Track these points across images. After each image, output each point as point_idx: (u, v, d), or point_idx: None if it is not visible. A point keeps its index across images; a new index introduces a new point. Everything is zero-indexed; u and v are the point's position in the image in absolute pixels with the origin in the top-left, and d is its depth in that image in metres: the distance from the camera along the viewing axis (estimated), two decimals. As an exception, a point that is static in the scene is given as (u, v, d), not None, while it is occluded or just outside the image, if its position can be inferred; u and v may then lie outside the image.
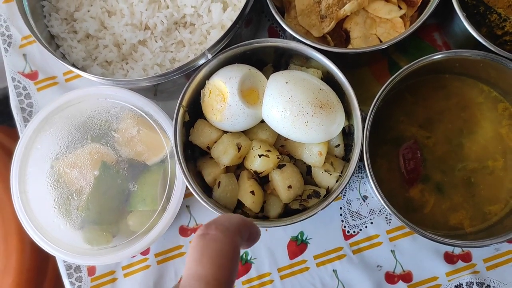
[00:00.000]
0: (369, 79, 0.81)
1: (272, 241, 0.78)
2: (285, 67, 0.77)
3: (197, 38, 0.77)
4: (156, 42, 0.77)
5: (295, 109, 0.66)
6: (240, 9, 0.71)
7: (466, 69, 0.73)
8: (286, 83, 0.68)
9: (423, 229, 0.70)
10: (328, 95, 0.68)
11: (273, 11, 0.71)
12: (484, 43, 0.67)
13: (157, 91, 0.83)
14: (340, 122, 0.69)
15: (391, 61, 0.81)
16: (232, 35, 0.72)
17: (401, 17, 0.76)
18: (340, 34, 0.77)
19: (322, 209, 0.67)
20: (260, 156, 0.70)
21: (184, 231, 0.79)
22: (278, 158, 0.71)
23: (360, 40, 0.75)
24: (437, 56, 0.68)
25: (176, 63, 0.77)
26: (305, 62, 0.74)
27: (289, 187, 0.71)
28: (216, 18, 0.76)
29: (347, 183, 0.67)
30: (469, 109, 0.75)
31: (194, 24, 0.78)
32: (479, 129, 0.74)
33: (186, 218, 0.80)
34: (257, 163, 0.70)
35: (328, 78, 0.72)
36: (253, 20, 0.81)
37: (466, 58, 0.69)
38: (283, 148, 0.75)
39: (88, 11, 0.79)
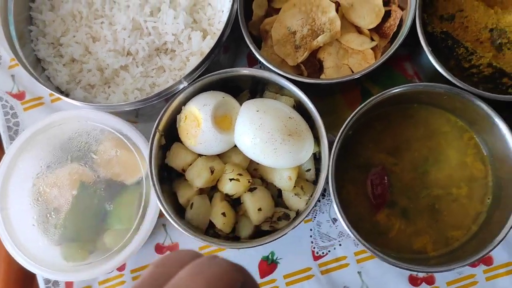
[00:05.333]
0: (342, 106, 0.85)
1: (243, 259, 0.81)
2: (261, 94, 0.81)
3: (177, 64, 0.81)
4: (137, 67, 0.80)
5: (264, 137, 0.69)
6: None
7: (432, 100, 0.76)
8: (257, 111, 0.71)
9: (388, 252, 0.74)
10: (297, 123, 0.71)
11: (247, 42, 0.75)
12: (447, 76, 0.70)
13: (138, 114, 0.87)
14: (308, 149, 0.72)
15: (364, 89, 0.84)
16: (209, 63, 0.75)
17: (374, 48, 0.80)
18: (314, 63, 0.81)
19: (289, 231, 0.70)
20: (231, 180, 0.73)
21: (160, 249, 0.82)
22: (249, 182, 0.74)
23: (333, 70, 0.79)
24: (402, 89, 0.72)
25: (156, 88, 0.81)
26: (279, 89, 0.77)
27: (259, 209, 0.74)
28: (196, 45, 0.80)
29: (313, 206, 0.70)
30: (435, 138, 0.78)
31: (175, 51, 0.82)
32: (445, 158, 0.77)
33: (162, 236, 0.83)
34: (228, 186, 0.73)
35: (300, 106, 0.76)
36: (230, 47, 0.84)
37: (430, 90, 0.72)
38: (255, 172, 0.78)
39: (74, 36, 0.82)
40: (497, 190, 0.74)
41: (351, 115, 0.71)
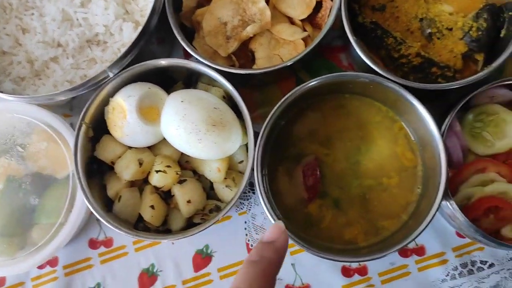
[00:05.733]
0: (277, 96, 0.84)
1: (178, 253, 0.80)
2: (195, 85, 0.80)
3: (109, 56, 0.80)
4: (68, 59, 0.79)
5: (188, 127, 0.69)
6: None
7: (363, 90, 0.76)
8: (182, 101, 0.70)
9: (320, 243, 0.74)
10: (222, 114, 0.71)
11: (175, 32, 0.74)
12: (371, 65, 0.71)
13: (72, 107, 0.85)
14: (235, 140, 0.72)
15: (299, 79, 0.84)
16: (136, 53, 0.74)
17: (307, 38, 0.80)
18: (247, 54, 0.80)
19: (215, 222, 0.70)
20: (157, 171, 0.72)
21: (93, 244, 0.81)
22: (177, 173, 0.73)
23: (264, 60, 0.78)
24: (326, 79, 0.71)
25: (88, 80, 0.80)
26: (210, 81, 0.77)
27: (188, 201, 0.73)
28: (127, 37, 0.79)
29: (237, 198, 0.69)
30: (367, 128, 0.78)
31: (107, 42, 0.81)
32: (376, 147, 0.77)
33: (96, 231, 0.82)
34: (155, 178, 0.72)
35: (230, 97, 0.75)
36: (166, 39, 0.84)
37: (356, 80, 0.72)
38: (187, 164, 0.77)
39: (4, 28, 0.81)
40: (425, 179, 0.75)
41: (275, 107, 0.71)
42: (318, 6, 0.79)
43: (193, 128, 0.69)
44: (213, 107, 0.70)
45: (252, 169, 0.70)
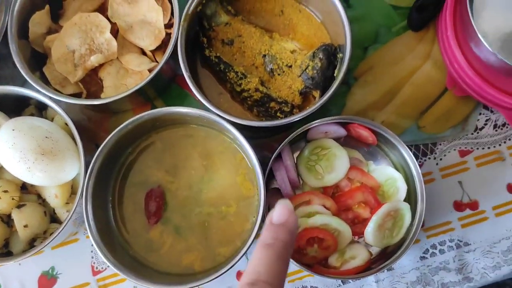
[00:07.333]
0: (133, 123, 0.86)
1: (23, 274, 0.82)
2: (46, 110, 0.81)
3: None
4: None
5: (17, 156, 0.70)
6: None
7: (205, 122, 0.79)
8: (13, 130, 0.71)
9: (158, 269, 0.77)
10: (54, 143, 0.72)
11: (16, 62, 0.75)
12: (202, 100, 0.73)
13: None
14: (71, 169, 0.74)
15: (154, 107, 0.86)
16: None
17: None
18: (97, 82, 0.82)
19: (49, 243, 0.72)
20: (-8, 197, 0.73)
21: None
22: (13, 199, 0.75)
23: (111, 89, 0.80)
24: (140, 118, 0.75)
25: None
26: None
27: (25, 226, 0.75)
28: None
29: (68, 219, 0.71)
30: (211, 158, 0.81)
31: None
32: (218, 177, 0.80)
33: None
34: (-10, 203, 0.74)
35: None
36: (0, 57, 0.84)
37: (187, 114, 0.75)
38: (32, 188, 0.79)
39: None
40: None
41: (107, 139, 0.73)
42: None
43: (21, 156, 0.70)
44: (44, 136, 0.72)
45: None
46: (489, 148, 0.82)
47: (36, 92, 0.75)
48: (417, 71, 0.86)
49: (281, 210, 0.45)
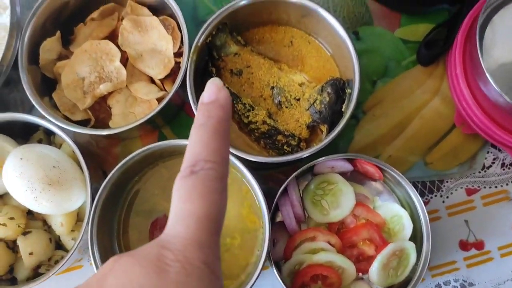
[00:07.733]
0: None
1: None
2: (54, 136, 0.82)
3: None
4: None
5: (24, 185, 0.70)
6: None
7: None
8: (21, 159, 0.72)
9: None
10: (62, 173, 0.73)
11: (26, 89, 0.75)
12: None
13: None
14: (78, 198, 0.74)
15: (161, 134, 0.87)
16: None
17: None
18: (106, 109, 0.82)
19: (52, 275, 0.72)
20: (-3, 224, 0.73)
21: None
22: (19, 226, 0.75)
23: (120, 117, 0.80)
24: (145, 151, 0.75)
25: None
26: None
27: (31, 253, 0.75)
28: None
29: (75, 248, 0.72)
30: (217, 189, 0.81)
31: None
32: (224, 208, 0.80)
33: None
34: (-5, 231, 0.74)
35: (82, 152, 0.77)
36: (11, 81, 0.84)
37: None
38: (38, 215, 0.79)
39: None
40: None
41: (116, 168, 0.73)
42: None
43: (29, 186, 0.70)
44: (52, 165, 0.72)
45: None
46: (496, 187, 0.82)
47: (44, 120, 0.75)
48: (426, 105, 0.85)
49: (210, 87, 0.41)
